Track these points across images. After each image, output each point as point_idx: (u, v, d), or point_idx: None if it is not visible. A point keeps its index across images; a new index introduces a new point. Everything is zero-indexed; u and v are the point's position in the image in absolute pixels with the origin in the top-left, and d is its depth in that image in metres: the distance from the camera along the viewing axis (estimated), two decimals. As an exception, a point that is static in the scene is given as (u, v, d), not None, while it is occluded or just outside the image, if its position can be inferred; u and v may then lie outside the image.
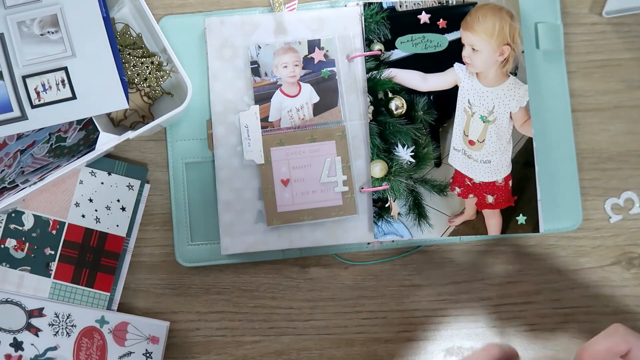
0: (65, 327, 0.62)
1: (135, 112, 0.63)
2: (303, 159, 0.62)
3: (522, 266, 0.64)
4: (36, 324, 0.62)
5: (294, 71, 0.62)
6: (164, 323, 0.62)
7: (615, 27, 0.66)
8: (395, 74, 0.62)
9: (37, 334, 0.62)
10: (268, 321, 0.64)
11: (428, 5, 0.63)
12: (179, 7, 0.65)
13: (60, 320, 0.62)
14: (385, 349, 0.64)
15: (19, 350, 0.61)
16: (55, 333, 0.62)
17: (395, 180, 0.61)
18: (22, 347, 0.61)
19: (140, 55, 0.63)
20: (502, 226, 0.62)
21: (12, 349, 0.61)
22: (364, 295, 0.64)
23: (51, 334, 0.62)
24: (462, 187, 0.62)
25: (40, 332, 0.62)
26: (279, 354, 0.63)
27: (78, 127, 0.63)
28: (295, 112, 0.62)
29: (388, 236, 0.61)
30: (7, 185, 0.61)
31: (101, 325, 0.62)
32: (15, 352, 0.61)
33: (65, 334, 0.62)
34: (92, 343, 0.62)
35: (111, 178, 0.63)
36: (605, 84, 0.66)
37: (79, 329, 0.62)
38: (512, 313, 0.64)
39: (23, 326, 0.61)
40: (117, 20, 0.64)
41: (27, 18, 0.55)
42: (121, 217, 0.63)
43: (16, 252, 0.62)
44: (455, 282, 0.64)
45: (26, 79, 0.56)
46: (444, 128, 0.62)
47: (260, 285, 0.64)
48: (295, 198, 0.62)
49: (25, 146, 0.62)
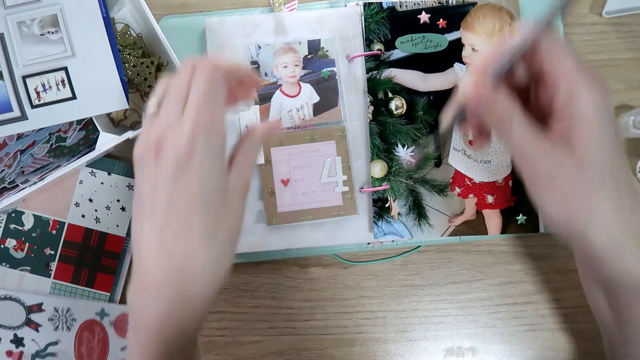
0: (65, 321, 0.62)
1: (135, 112, 0.63)
2: (303, 159, 0.62)
3: (522, 266, 0.64)
4: (36, 320, 0.62)
5: (294, 71, 0.62)
6: None
7: (615, 27, 0.66)
8: (395, 74, 0.62)
9: (37, 329, 0.62)
10: (268, 321, 0.64)
11: (428, 5, 0.63)
12: (179, 7, 0.65)
13: (60, 315, 0.62)
14: (385, 349, 0.64)
15: (20, 346, 0.61)
16: (56, 328, 0.62)
17: (395, 180, 0.61)
18: (23, 343, 0.61)
19: (140, 55, 0.63)
20: (502, 226, 0.62)
21: (13, 346, 0.61)
22: (364, 295, 0.64)
23: (51, 328, 0.62)
24: (462, 187, 0.62)
25: (40, 328, 0.62)
26: (279, 354, 0.63)
27: (78, 127, 0.63)
28: (296, 112, 0.62)
29: (388, 236, 0.61)
30: (7, 185, 0.60)
31: (102, 318, 0.62)
32: (16, 349, 0.61)
33: (66, 328, 0.62)
34: (94, 336, 0.62)
35: (111, 178, 0.63)
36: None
37: (79, 323, 0.62)
38: (512, 313, 0.64)
39: (23, 322, 0.61)
40: (117, 20, 0.64)
41: (27, 18, 0.55)
42: (121, 217, 0.63)
43: (16, 252, 0.62)
44: (455, 282, 0.64)
45: (26, 79, 0.56)
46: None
47: (260, 285, 0.64)
48: (296, 198, 0.62)
49: (25, 146, 0.62)
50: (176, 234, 0.38)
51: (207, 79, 0.40)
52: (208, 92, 0.39)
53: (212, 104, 0.39)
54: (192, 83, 0.39)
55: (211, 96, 0.39)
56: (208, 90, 0.39)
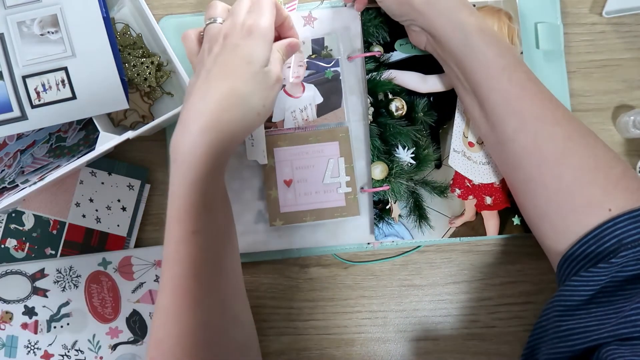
0: (70, 280, 0.62)
1: (135, 112, 0.63)
2: (306, 159, 0.62)
3: (522, 266, 0.65)
4: (42, 286, 0.62)
5: (298, 72, 0.62)
6: None
7: (615, 27, 0.66)
8: (395, 75, 0.62)
9: (45, 295, 0.62)
10: (268, 321, 0.64)
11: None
12: (179, 7, 0.65)
13: (64, 275, 0.62)
14: (385, 349, 0.64)
15: (33, 316, 0.62)
16: (63, 289, 0.62)
17: (396, 182, 0.61)
18: (35, 312, 0.62)
19: (140, 55, 0.63)
20: (499, 227, 0.62)
21: (26, 317, 0.62)
22: (364, 295, 0.64)
23: (59, 290, 0.62)
24: (462, 189, 0.62)
25: (48, 292, 0.62)
26: (279, 354, 0.64)
27: (78, 127, 0.63)
28: (299, 113, 0.62)
29: (389, 238, 0.61)
30: (7, 185, 0.60)
31: (105, 267, 0.62)
32: (30, 319, 0.61)
33: (73, 286, 0.62)
34: (102, 286, 0.62)
35: (111, 178, 0.63)
36: (605, 84, 0.66)
37: (85, 277, 0.62)
38: (512, 313, 0.64)
39: (29, 292, 0.62)
40: (117, 20, 0.64)
41: (27, 18, 0.55)
42: (122, 217, 0.63)
43: (16, 252, 0.62)
44: (455, 282, 0.65)
45: (26, 79, 0.56)
46: (444, 129, 0.62)
47: (260, 285, 0.64)
48: (298, 199, 0.62)
49: (25, 146, 0.62)
50: (223, 76, 0.47)
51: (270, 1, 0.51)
52: (271, 4, 0.51)
53: (273, 11, 0.51)
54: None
55: (272, 6, 0.51)
56: (271, 3, 0.51)
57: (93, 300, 0.62)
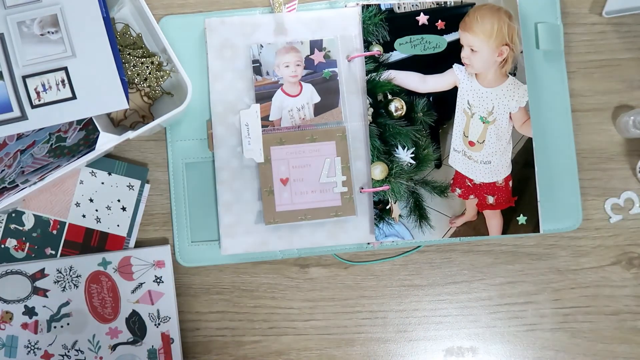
0: (70, 280, 0.62)
1: (135, 112, 0.63)
2: (303, 158, 0.62)
3: (522, 266, 0.64)
4: (42, 286, 0.62)
5: (296, 71, 0.62)
6: (165, 246, 0.62)
7: (615, 27, 0.66)
8: (394, 76, 0.62)
9: (45, 295, 0.61)
10: (268, 321, 0.64)
11: (426, 7, 0.63)
12: (179, 7, 0.65)
13: (64, 275, 0.62)
14: (385, 349, 0.64)
15: (33, 315, 0.61)
16: (63, 288, 0.62)
17: (396, 182, 0.61)
18: (35, 312, 0.61)
19: (140, 55, 0.63)
20: (502, 227, 0.62)
21: (26, 317, 0.61)
22: (364, 295, 0.64)
23: (59, 290, 0.62)
24: (463, 188, 0.62)
25: (48, 292, 0.62)
26: (279, 354, 0.63)
27: (78, 127, 0.63)
28: (296, 112, 0.62)
29: (389, 238, 0.61)
30: (7, 185, 0.60)
31: (105, 267, 0.62)
32: (30, 319, 0.61)
33: (73, 286, 0.62)
34: (102, 286, 0.62)
35: (111, 178, 0.63)
36: (605, 84, 0.66)
37: (85, 277, 0.62)
38: (512, 313, 0.64)
39: (30, 292, 0.61)
40: (117, 20, 0.64)
41: (27, 18, 0.55)
42: (122, 217, 0.63)
43: (16, 252, 0.62)
44: (455, 282, 0.65)
45: (26, 79, 0.56)
46: (443, 129, 0.62)
47: (260, 285, 0.64)
48: (294, 197, 0.62)
49: (25, 146, 0.62)
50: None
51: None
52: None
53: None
54: None
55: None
56: None
57: (93, 301, 0.62)
